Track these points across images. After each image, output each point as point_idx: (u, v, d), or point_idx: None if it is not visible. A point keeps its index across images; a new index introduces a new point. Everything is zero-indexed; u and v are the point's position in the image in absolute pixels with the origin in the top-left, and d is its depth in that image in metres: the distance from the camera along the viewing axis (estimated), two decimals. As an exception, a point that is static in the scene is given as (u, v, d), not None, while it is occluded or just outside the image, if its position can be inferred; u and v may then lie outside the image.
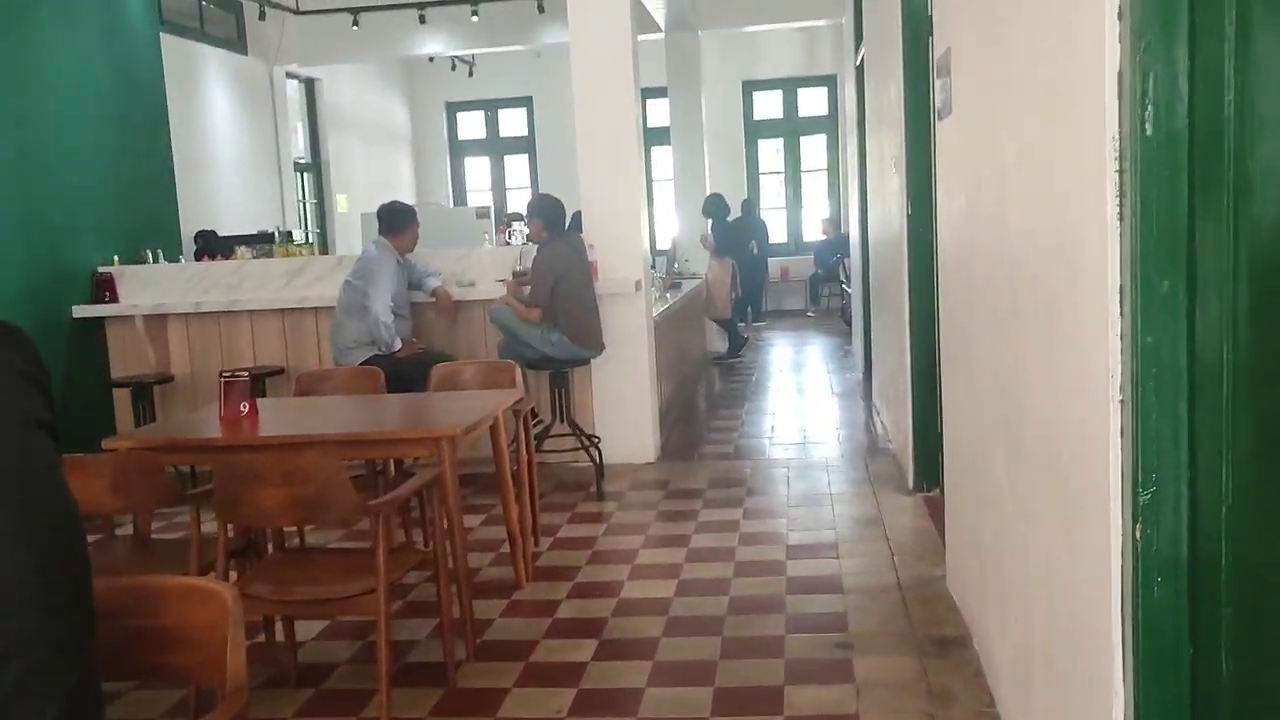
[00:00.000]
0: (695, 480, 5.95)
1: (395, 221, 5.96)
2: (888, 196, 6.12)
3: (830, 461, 6.22)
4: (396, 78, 15.28)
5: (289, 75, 12.11)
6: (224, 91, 10.75)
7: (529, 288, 5.86)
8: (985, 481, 3.16)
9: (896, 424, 6.13)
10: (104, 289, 6.60)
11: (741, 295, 13.83)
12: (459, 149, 16.22)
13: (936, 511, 5.02)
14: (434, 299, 6.12)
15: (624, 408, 6.33)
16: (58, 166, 6.47)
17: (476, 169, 16.28)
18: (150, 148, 7.33)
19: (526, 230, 6.09)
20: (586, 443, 5.93)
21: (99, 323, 6.66)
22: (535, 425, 6.01)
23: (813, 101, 15.52)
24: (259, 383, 6.25)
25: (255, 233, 9.42)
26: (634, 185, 6.24)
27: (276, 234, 9.27)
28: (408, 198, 14.96)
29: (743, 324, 13.43)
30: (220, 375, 4.06)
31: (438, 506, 3.46)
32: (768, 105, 15.62)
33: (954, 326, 3.73)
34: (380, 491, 4.43)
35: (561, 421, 5.95)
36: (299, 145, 12.85)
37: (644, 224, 6.36)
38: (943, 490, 5.23)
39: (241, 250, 6.72)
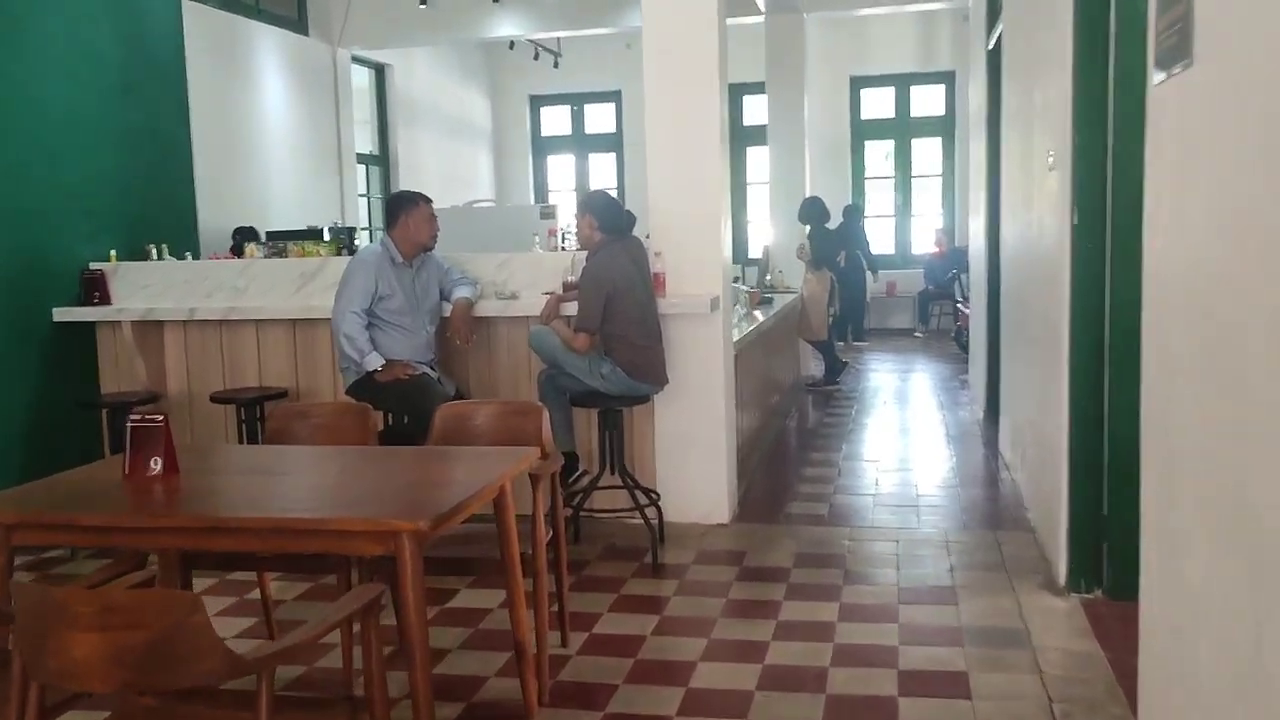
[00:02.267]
0: (779, 554, 4.71)
1: (390, 211, 4.87)
2: (1037, 203, 4.81)
3: (950, 535, 4.92)
4: (476, 67, 14.33)
5: (355, 60, 11.19)
6: (280, 74, 9.85)
7: (573, 304, 4.70)
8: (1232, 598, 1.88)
9: (1040, 492, 4.80)
10: (93, 289, 5.65)
11: (840, 312, 12.57)
12: (542, 146, 15.21)
13: (1104, 626, 3.71)
14: (457, 313, 5.02)
15: (692, 456, 5.13)
16: (45, 145, 5.53)
17: (560, 168, 15.25)
18: (163, 127, 6.37)
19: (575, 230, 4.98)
20: (643, 499, 4.75)
21: (87, 329, 5.71)
22: (578, 477, 4.84)
23: (927, 100, 14.09)
24: (257, 408, 5.21)
25: (304, 229, 8.48)
26: (714, 188, 5.04)
27: (327, 231, 8.31)
28: (486, 196, 14.01)
29: (841, 344, 12.12)
30: (128, 418, 2.99)
31: (376, 647, 2.30)
32: (877, 103, 14.25)
33: (1174, 378, 2.44)
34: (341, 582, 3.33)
35: (612, 472, 4.77)
36: (365, 136, 11.96)
37: (725, 232, 5.16)
38: (1109, 591, 3.94)
39: (251, 247, 5.71)
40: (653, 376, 4.72)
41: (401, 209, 4.82)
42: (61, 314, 5.56)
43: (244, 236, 7.68)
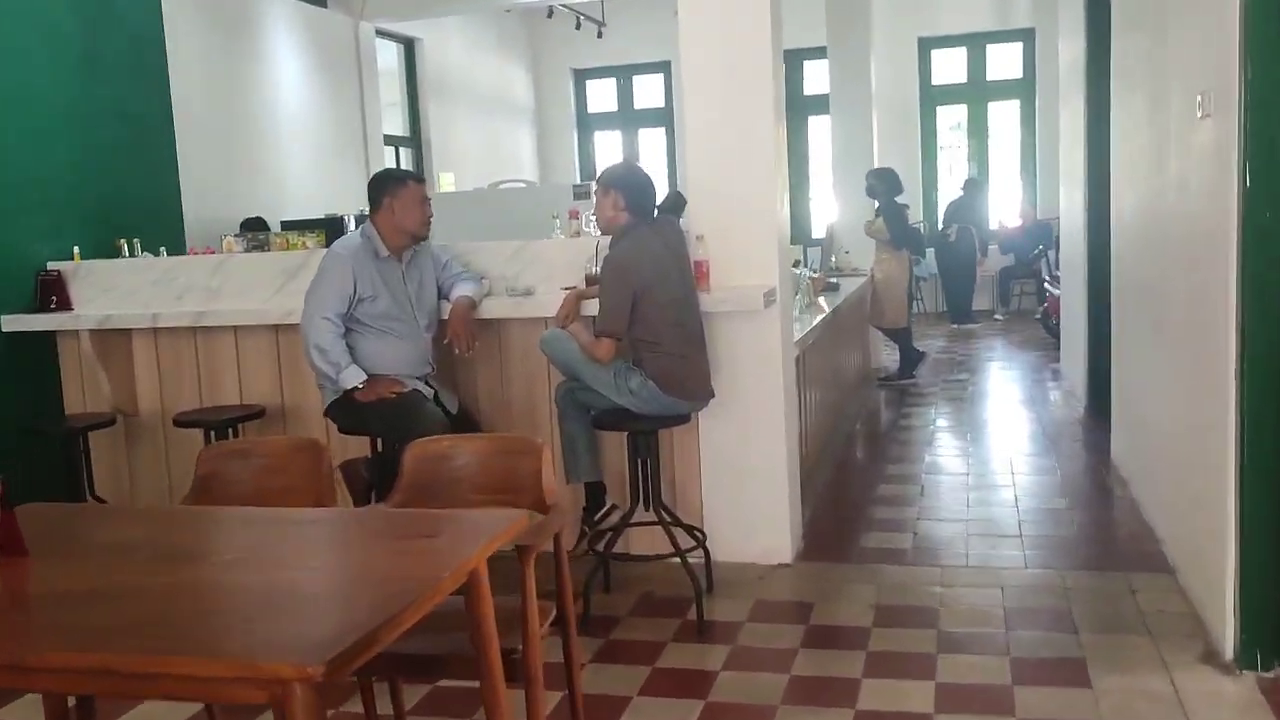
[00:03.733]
0: (854, 606, 3.80)
1: (371, 194, 4.03)
2: (1177, 163, 3.81)
3: (1068, 578, 3.95)
4: (514, 39, 13.45)
5: (380, 34, 10.39)
6: (294, 49, 9.06)
7: (595, 303, 3.82)
8: None
9: (1185, 524, 3.81)
10: (50, 293, 4.90)
11: (945, 291, 11.57)
12: (587, 122, 14.32)
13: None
14: (461, 314, 4.16)
15: (746, 484, 4.23)
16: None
17: (607, 144, 14.34)
18: (137, 107, 5.59)
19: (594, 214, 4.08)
20: (685, 540, 3.86)
21: (45, 339, 4.96)
22: (606, 512, 3.98)
23: (1004, 61, 12.92)
24: (230, 431, 4.42)
25: (323, 217, 7.70)
26: (767, 161, 4.12)
27: (352, 220, 7.52)
28: (529, 176, 13.17)
29: (954, 327, 11.16)
30: (-42, 484, 2.17)
31: None
32: (948, 67, 13.11)
33: None
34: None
35: (647, 507, 3.89)
36: (395, 116, 11.17)
37: (781, 211, 4.23)
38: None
39: (228, 240, 4.89)
40: (694, 391, 3.82)
41: (384, 191, 3.98)
42: (11, 322, 4.81)
43: (253, 229, 6.92)
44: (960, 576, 4.04)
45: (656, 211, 3.91)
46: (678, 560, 3.82)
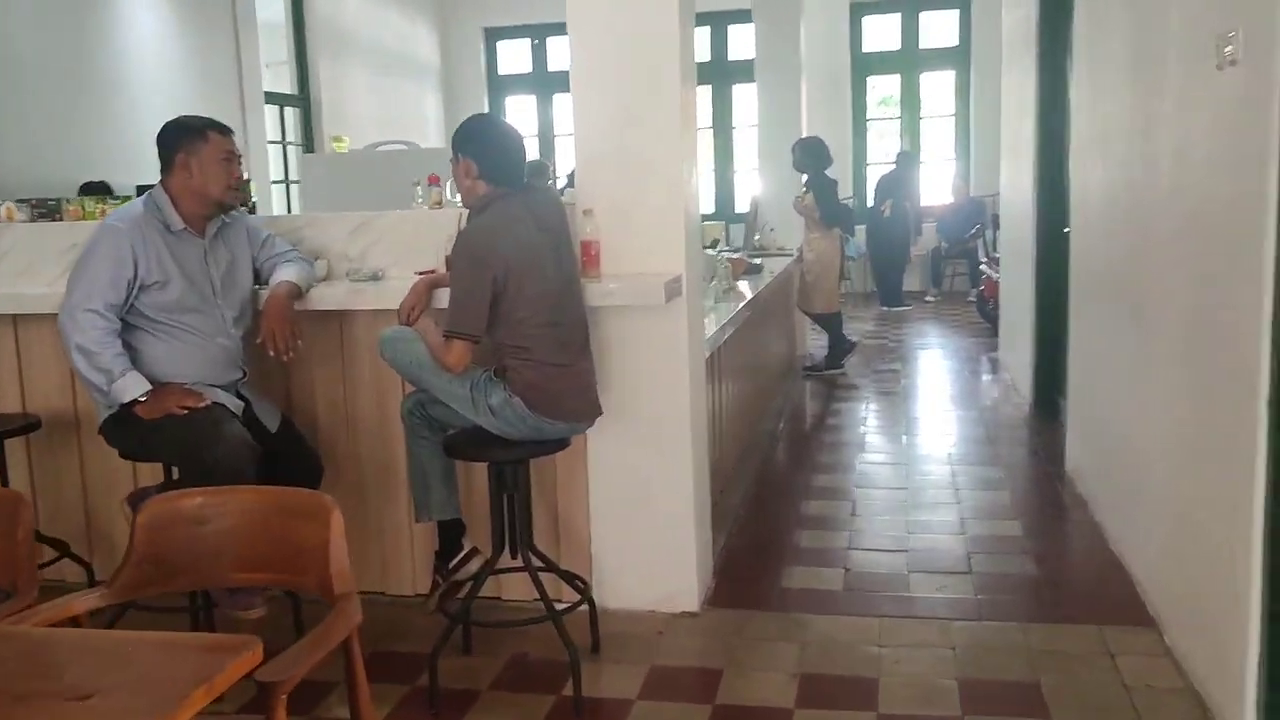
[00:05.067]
0: (772, 676, 3.04)
1: (162, 151, 3.15)
2: (1175, 130, 3.08)
3: (1032, 635, 3.24)
4: (419, -6, 12.44)
5: (261, -20, 9.33)
6: (154, -5, 8.00)
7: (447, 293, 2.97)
8: None
9: (1176, 571, 3.12)
10: None
11: (877, 272, 10.87)
12: (500, 85, 13.33)
13: None
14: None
15: (644, 516, 3.44)
16: None
17: (521, 109, 13.39)
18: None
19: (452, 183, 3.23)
20: (564, 593, 3.07)
21: None
22: (464, 558, 3.17)
23: (939, 29, 12.26)
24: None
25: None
26: (671, 127, 3.32)
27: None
28: (437, 143, 12.18)
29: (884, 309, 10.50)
30: None
31: None
32: (881, 33, 12.41)
33: None
34: None
35: (514, 554, 3.07)
36: (283, 74, 10.13)
37: (689, 186, 3.43)
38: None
39: (8, 207, 3.93)
40: (573, 409, 3.00)
41: (178, 146, 3.09)
42: None
43: (94, 193, 5.91)
44: (903, 631, 3.30)
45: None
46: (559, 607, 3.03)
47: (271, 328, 3.11)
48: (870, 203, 11.29)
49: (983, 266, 9.60)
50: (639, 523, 3.45)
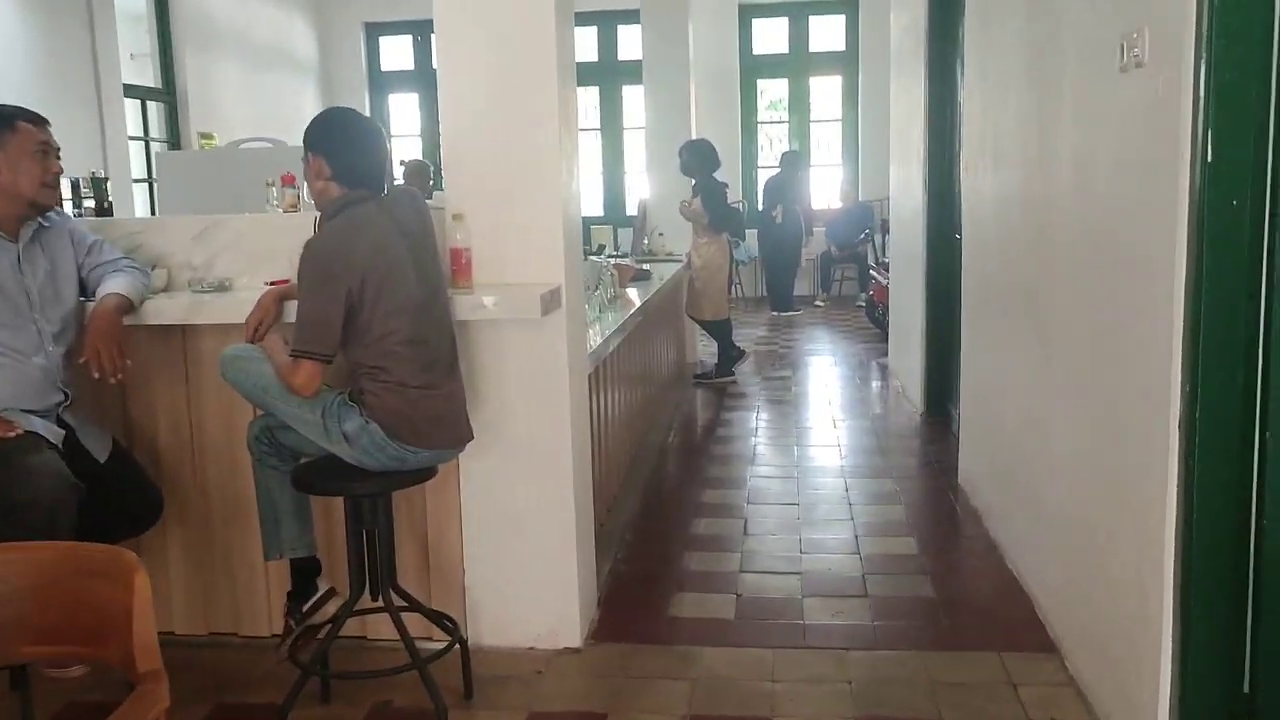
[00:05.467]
0: (662, 717, 2.82)
1: None
2: (1072, 138, 2.96)
3: (931, 665, 3.08)
4: (295, -14, 11.91)
5: (120, -33, 8.74)
6: (-3, -24, 7.40)
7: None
8: None
9: (1081, 604, 3.00)
10: None
11: (770, 277, 10.75)
12: (382, 82, 12.87)
13: None
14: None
15: (522, 545, 3.18)
16: None
17: (404, 107, 12.96)
18: None
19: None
20: (431, 636, 2.79)
21: None
22: (320, 599, 2.86)
23: (826, 34, 12.26)
24: None
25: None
26: (547, 127, 3.07)
27: (83, 183, 6.02)
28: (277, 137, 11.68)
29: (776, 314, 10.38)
30: None
31: None
32: (770, 37, 12.36)
33: None
34: None
35: (375, 595, 2.78)
36: (146, 67, 9.54)
37: (568, 189, 3.19)
38: None
39: None
40: (439, 435, 2.72)
41: (-15, 134, 2.71)
42: None
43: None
44: (799, 665, 3.11)
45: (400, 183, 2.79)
46: (428, 649, 2.74)
47: (96, 345, 2.75)
48: (760, 206, 11.21)
49: (872, 271, 9.59)
50: (517, 552, 3.18)
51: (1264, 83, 2.05)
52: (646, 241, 7.73)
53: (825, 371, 7.79)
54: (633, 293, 5.63)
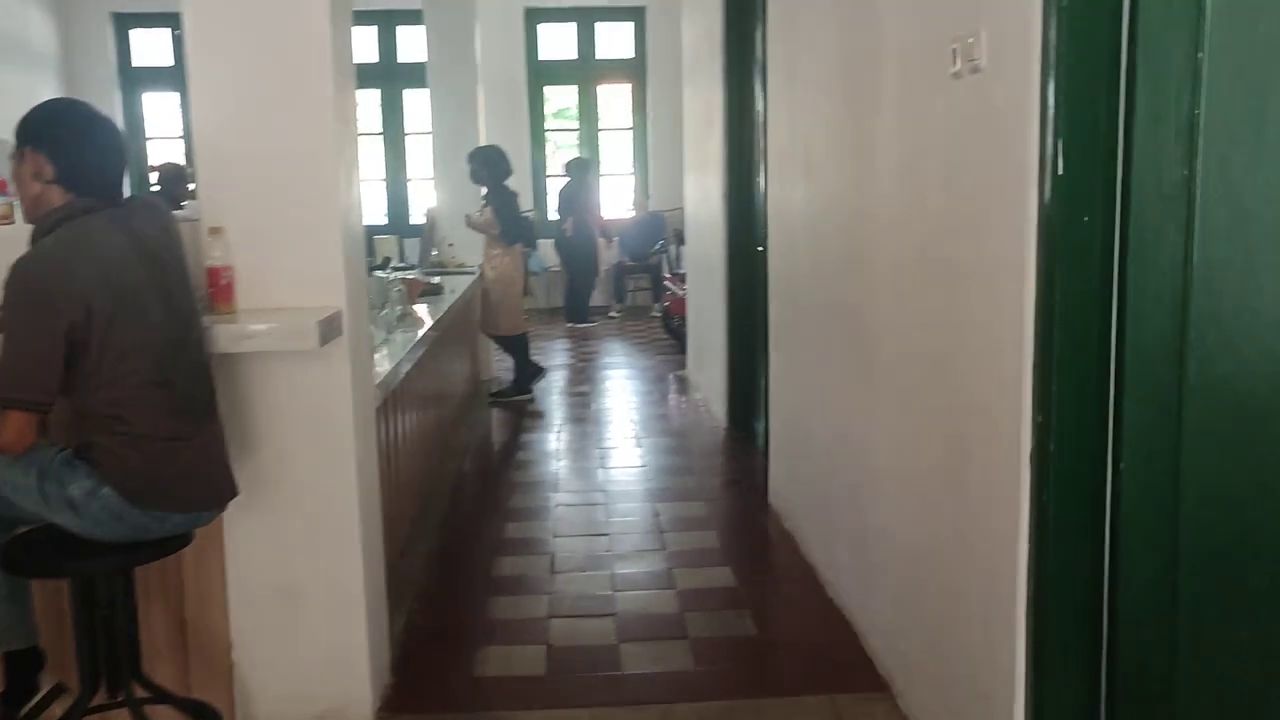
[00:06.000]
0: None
1: None
2: (892, 143, 2.80)
3: (763, 713, 2.87)
4: (32, -29, 10.74)
5: None
6: None
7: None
8: None
9: (922, 642, 2.84)
10: None
11: (569, 289, 10.42)
12: (135, 79, 11.78)
13: None
14: None
15: (299, 611, 2.75)
16: None
17: (161, 107, 11.92)
18: None
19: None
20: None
21: None
22: (41, 700, 2.35)
23: (614, 40, 12.12)
24: None
25: None
26: (321, 136, 2.67)
27: None
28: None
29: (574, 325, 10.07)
30: None
31: None
32: (557, 42, 12.10)
33: None
34: None
35: (115, 690, 2.29)
36: None
37: (347, 199, 2.78)
38: None
39: None
40: (194, 495, 2.27)
41: None
42: None
43: None
44: (618, 723, 2.82)
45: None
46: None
47: None
48: (552, 215, 10.94)
49: (667, 282, 9.48)
50: (295, 620, 2.75)
51: (1114, 88, 1.91)
52: (436, 253, 7.29)
53: (625, 386, 7.58)
54: (423, 309, 5.21)
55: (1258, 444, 1.97)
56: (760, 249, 4.80)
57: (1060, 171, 1.93)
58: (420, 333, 4.42)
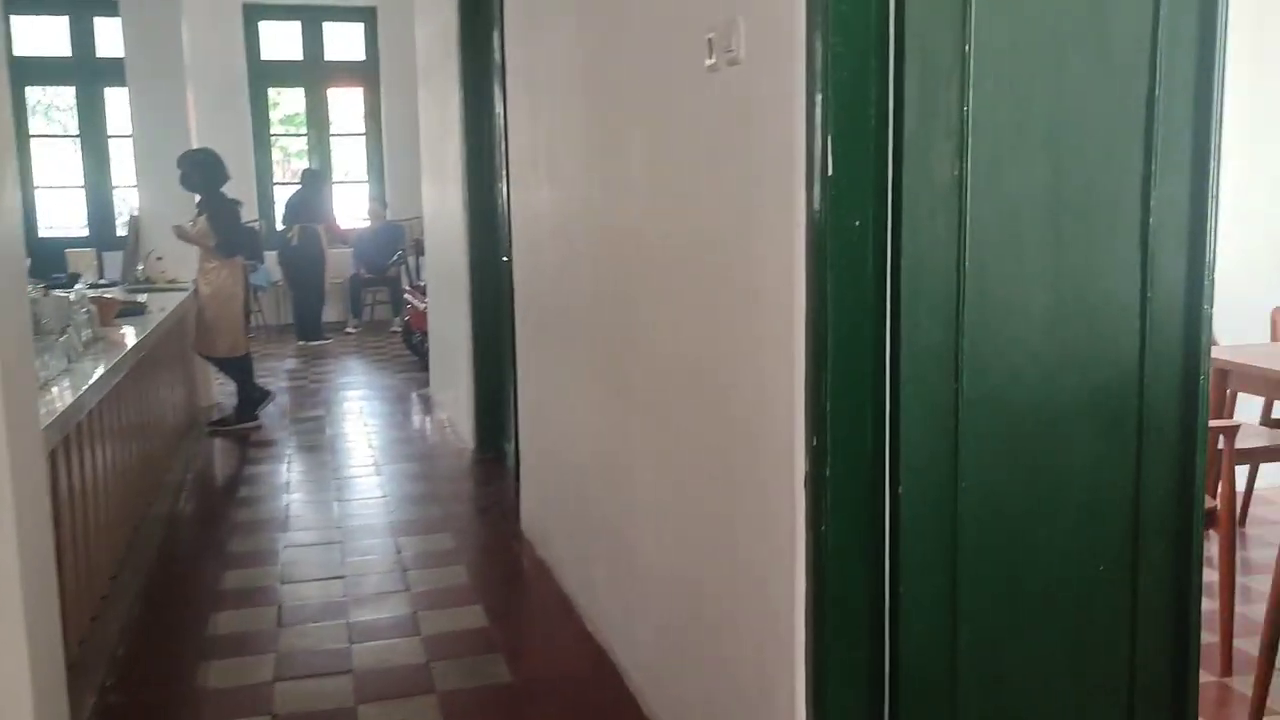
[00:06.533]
0: None
1: None
2: (641, 145, 2.60)
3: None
4: None
5: None
6: None
7: None
8: None
9: (682, 678, 2.63)
10: None
11: (297, 305, 9.67)
12: None
13: None
14: None
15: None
16: None
17: None
18: None
19: None
20: None
21: None
22: None
23: (343, 42, 11.50)
24: None
25: None
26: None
27: None
28: None
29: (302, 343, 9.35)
30: None
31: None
32: (282, 42, 11.34)
33: None
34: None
35: None
36: None
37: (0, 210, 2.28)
38: None
39: None
40: None
41: None
42: None
43: None
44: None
45: None
46: None
47: None
48: (280, 225, 10.21)
49: (406, 295, 9.02)
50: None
51: (882, 81, 1.76)
52: (141, 267, 6.55)
53: (363, 408, 7.08)
54: (125, 331, 4.58)
55: (1031, 455, 1.91)
56: (505, 259, 4.52)
57: (830, 172, 1.76)
58: (117, 358, 3.85)
